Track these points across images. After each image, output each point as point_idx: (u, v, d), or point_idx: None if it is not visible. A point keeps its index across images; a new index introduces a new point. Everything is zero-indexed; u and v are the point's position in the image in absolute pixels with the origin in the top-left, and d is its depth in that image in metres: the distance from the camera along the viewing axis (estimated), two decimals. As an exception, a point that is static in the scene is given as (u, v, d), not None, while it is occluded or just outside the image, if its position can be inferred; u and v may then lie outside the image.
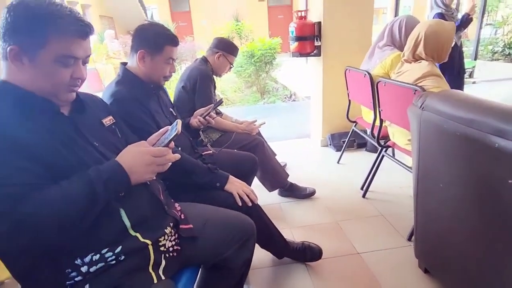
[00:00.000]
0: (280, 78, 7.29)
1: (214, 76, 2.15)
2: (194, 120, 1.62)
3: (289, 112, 5.12)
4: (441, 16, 3.07)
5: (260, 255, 1.55)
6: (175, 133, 0.87)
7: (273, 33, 12.22)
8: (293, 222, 1.96)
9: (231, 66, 2.17)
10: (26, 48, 0.77)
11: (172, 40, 1.35)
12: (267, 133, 2.34)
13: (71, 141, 0.84)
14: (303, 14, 2.81)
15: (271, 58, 6.42)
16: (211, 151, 1.68)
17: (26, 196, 0.70)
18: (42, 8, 0.77)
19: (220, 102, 1.70)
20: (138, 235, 0.87)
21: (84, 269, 0.80)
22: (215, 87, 2.24)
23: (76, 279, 0.79)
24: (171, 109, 1.56)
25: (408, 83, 1.66)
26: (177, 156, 0.89)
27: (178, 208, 1.08)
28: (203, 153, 1.61)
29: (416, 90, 1.56)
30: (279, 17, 14.23)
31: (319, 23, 2.79)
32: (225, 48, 2.10)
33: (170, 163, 0.90)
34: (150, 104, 1.37)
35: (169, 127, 0.95)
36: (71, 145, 0.83)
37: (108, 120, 1.03)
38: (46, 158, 0.76)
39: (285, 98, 6.28)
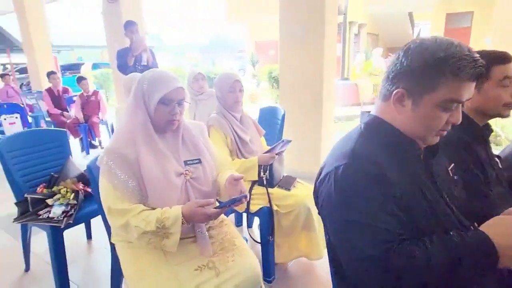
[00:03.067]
0: None
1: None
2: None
3: None
4: None
5: None
6: None
7: None
8: None
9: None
10: (413, 92, 0.76)
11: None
12: None
13: (426, 188, 0.79)
14: None
15: None
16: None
17: (397, 246, 0.69)
18: (441, 50, 0.73)
19: None
20: None
21: None
22: None
23: None
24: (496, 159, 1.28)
25: None
26: None
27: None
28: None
29: None
30: None
31: None
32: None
33: None
34: (478, 150, 1.16)
35: None
36: (426, 193, 0.78)
37: (452, 168, 0.92)
38: (408, 204, 0.74)
39: None
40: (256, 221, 2.28)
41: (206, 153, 1.29)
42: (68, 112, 4.78)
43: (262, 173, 1.78)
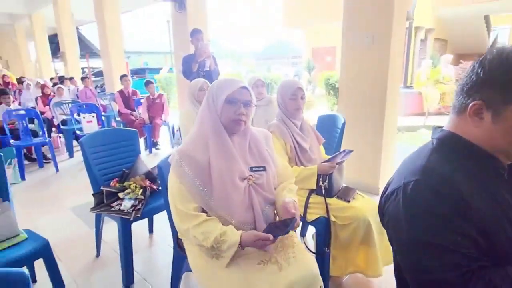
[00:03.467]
0: None
1: None
2: None
3: None
4: None
5: None
6: None
7: None
8: None
9: None
10: (493, 103, 0.71)
11: None
12: None
13: (511, 211, 0.71)
14: None
15: None
16: None
17: (476, 272, 0.64)
18: None
19: None
20: None
21: None
22: None
23: None
24: None
25: None
26: None
27: None
28: None
29: None
30: None
31: None
32: None
33: None
34: None
35: None
36: (511, 216, 0.70)
37: None
38: (488, 227, 0.68)
39: None
40: (310, 230, 2.25)
41: (270, 162, 1.32)
42: (136, 112, 5.20)
43: (321, 182, 1.76)
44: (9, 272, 0.71)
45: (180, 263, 1.51)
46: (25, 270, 0.71)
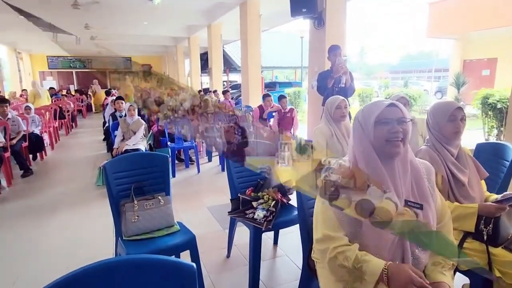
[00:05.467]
0: None
1: None
2: None
3: None
4: None
5: None
6: None
7: None
8: None
9: None
10: None
11: None
12: None
13: None
14: None
15: None
16: None
17: None
18: None
19: None
20: None
21: None
22: None
23: None
24: None
25: None
26: None
27: None
28: None
29: None
30: None
31: None
32: None
33: None
34: None
35: None
36: None
37: None
38: None
39: None
40: (460, 279, 1.90)
41: (430, 200, 1.16)
42: (267, 126, 5.56)
43: (482, 226, 1.47)
44: (182, 263, 0.84)
45: (308, 283, 1.51)
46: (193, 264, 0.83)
